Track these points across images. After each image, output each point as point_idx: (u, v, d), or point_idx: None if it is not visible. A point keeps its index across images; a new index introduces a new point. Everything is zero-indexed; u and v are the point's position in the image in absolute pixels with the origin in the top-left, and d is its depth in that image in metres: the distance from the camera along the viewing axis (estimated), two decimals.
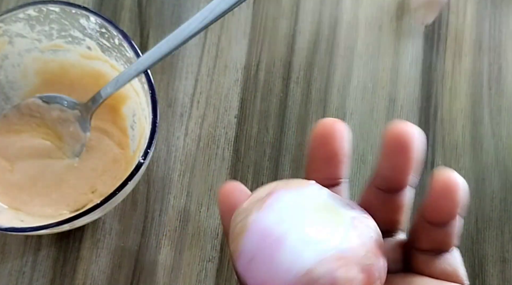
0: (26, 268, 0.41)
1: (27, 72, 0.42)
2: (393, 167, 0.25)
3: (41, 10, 0.38)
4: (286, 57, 0.47)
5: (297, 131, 0.45)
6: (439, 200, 0.24)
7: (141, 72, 0.36)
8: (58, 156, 0.41)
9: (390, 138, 0.24)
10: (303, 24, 0.48)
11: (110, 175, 0.41)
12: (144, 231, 0.42)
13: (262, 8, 0.48)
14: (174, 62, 0.46)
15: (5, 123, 0.41)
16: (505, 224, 0.44)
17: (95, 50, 0.41)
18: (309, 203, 0.23)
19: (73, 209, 0.40)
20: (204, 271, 0.41)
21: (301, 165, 0.44)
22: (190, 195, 0.43)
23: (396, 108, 0.46)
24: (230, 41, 0.47)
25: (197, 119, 0.45)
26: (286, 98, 0.46)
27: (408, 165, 0.24)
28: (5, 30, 0.39)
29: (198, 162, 0.44)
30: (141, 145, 0.39)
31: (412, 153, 0.24)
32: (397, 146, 0.24)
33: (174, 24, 0.47)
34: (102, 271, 0.41)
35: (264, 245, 0.22)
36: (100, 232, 0.42)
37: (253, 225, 0.23)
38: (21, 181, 0.40)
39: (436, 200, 0.24)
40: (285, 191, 0.24)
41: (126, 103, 0.42)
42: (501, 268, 0.43)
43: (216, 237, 0.42)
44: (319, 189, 0.24)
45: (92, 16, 0.38)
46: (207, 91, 0.46)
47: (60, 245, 0.41)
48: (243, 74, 0.47)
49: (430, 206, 0.24)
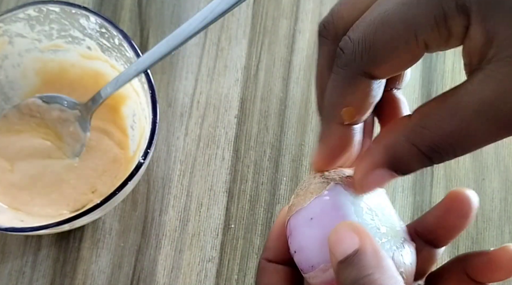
0: (26, 268, 0.41)
1: (27, 72, 0.42)
2: (444, 226, 0.27)
3: (41, 10, 0.38)
4: (286, 57, 0.47)
5: (297, 131, 0.45)
6: (495, 269, 0.26)
7: (141, 72, 0.36)
8: (58, 156, 0.41)
9: (453, 200, 0.26)
10: (303, 24, 0.48)
11: (110, 175, 0.41)
12: (144, 231, 0.42)
13: (262, 8, 0.48)
14: (174, 62, 0.46)
15: (5, 123, 0.41)
16: (505, 224, 0.44)
17: (95, 50, 0.41)
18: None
19: (73, 209, 0.40)
20: (204, 271, 0.41)
21: (300, 165, 0.44)
22: (190, 195, 0.43)
23: None
24: (230, 41, 0.47)
25: (197, 119, 0.45)
26: (286, 98, 0.46)
27: (460, 229, 0.26)
28: (5, 30, 0.39)
29: (198, 162, 0.44)
30: (141, 145, 0.39)
31: (468, 220, 0.26)
32: (458, 209, 0.26)
33: (174, 24, 0.47)
34: (102, 271, 0.41)
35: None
36: (100, 232, 0.42)
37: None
38: (21, 181, 0.40)
39: (492, 267, 0.26)
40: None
41: (126, 103, 0.42)
42: None
43: (216, 237, 0.42)
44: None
45: (92, 16, 0.38)
46: (207, 91, 0.46)
47: (60, 245, 0.41)
48: (243, 74, 0.47)
49: (485, 268, 0.26)
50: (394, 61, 0.22)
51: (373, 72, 0.22)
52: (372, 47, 0.22)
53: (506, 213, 0.44)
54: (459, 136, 0.21)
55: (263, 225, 0.43)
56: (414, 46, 0.21)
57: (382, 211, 0.25)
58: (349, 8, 0.23)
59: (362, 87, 0.23)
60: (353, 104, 0.23)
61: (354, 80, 0.23)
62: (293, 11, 0.48)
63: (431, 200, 0.44)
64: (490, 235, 0.44)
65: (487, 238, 0.44)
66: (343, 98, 0.23)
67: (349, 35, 0.22)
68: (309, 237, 0.24)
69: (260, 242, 0.42)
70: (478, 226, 0.44)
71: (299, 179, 0.44)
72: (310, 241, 0.24)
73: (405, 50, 0.22)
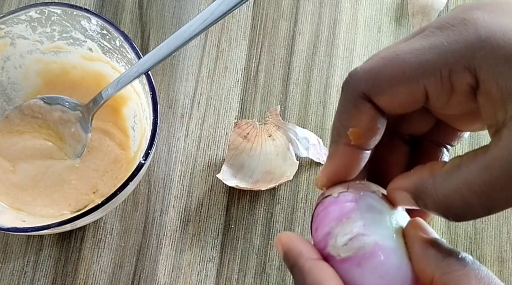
0: (28, 268, 0.41)
1: (28, 73, 0.42)
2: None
3: (42, 12, 0.38)
4: (286, 59, 0.48)
5: None
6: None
7: (142, 73, 0.36)
8: (60, 157, 0.41)
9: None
10: (303, 26, 0.48)
11: (111, 176, 0.41)
12: (145, 231, 0.42)
13: (262, 10, 0.49)
14: (174, 64, 0.47)
15: (7, 124, 0.41)
16: (503, 224, 0.44)
17: (96, 51, 0.41)
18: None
19: (74, 209, 0.40)
20: (204, 271, 0.42)
21: (300, 165, 0.44)
22: (191, 195, 0.43)
23: None
24: (230, 42, 0.48)
25: (197, 120, 0.45)
26: (285, 100, 0.46)
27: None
28: (7, 32, 0.39)
29: (199, 163, 0.44)
30: (142, 146, 0.39)
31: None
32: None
33: (175, 26, 0.48)
34: (103, 271, 0.41)
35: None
36: (102, 232, 0.42)
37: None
38: (23, 182, 0.40)
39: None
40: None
41: (127, 105, 0.42)
42: (499, 268, 0.43)
43: (216, 237, 0.42)
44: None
45: (94, 18, 0.38)
46: (208, 93, 0.46)
47: (62, 245, 0.42)
48: (243, 75, 0.47)
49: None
50: (394, 97, 0.23)
51: (375, 100, 0.24)
52: (376, 77, 0.23)
53: (504, 213, 0.44)
54: (482, 192, 0.21)
55: (263, 225, 0.43)
56: (414, 89, 0.23)
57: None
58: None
59: (366, 111, 0.24)
60: (358, 126, 0.24)
61: (359, 104, 0.24)
62: (292, 13, 0.49)
63: None
64: (488, 235, 0.44)
65: (485, 238, 0.44)
66: (349, 119, 0.25)
67: (360, 66, 0.24)
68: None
69: (260, 242, 0.42)
70: (476, 226, 0.44)
71: (299, 179, 0.44)
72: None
73: (406, 90, 0.23)
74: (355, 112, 0.24)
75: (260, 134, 0.42)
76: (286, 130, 0.43)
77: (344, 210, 0.25)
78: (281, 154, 0.42)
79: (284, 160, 0.42)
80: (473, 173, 0.21)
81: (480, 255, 0.43)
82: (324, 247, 0.25)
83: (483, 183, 0.21)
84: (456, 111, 0.24)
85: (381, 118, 0.24)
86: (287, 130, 0.43)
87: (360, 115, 0.24)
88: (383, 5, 0.50)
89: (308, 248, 0.25)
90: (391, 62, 0.23)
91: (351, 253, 0.24)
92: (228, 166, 0.42)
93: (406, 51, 0.23)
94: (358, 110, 0.24)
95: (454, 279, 0.22)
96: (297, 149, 0.43)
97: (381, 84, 0.23)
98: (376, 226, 0.24)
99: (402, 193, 0.24)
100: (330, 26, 0.49)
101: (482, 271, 0.22)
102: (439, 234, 0.43)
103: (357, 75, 0.24)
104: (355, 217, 0.24)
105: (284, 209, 0.43)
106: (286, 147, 0.42)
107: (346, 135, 0.25)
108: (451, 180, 0.22)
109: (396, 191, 0.25)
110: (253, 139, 0.42)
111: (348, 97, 0.24)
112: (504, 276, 0.43)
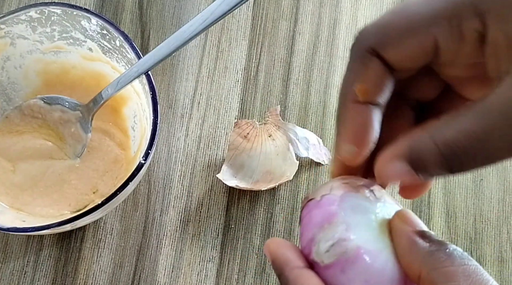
0: (28, 268, 0.41)
1: (28, 73, 0.42)
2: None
3: (42, 12, 0.38)
4: (286, 59, 0.48)
5: None
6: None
7: (142, 73, 0.36)
8: (60, 157, 0.41)
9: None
10: (303, 26, 0.48)
11: (111, 176, 0.41)
12: (145, 231, 0.42)
13: (262, 10, 0.49)
14: (174, 64, 0.47)
15: (7, 124, 0.41)
16: (503, 224, 0.44)
17: (96, 51, 0.41)
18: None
19: (74, 209, 0.40)
20: (204, 271, 0.42)
21: (300, 165, 0.44)
22: (191, 195, 0.43)
23: None
24: (230, 42, 0.48)
25: (197, 120, 0.45)
26: (285, 100, 0.46)
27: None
28: (7, 32, 0.39)
29: (199, 163, 0.44)
30: (142, 146, 0.39)
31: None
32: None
33: (175, 26, 0.48)
34: (103, 271, 0.41)
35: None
36: (102, 232, 0.42)
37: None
38: (23, 182, 0.40)
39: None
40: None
41: (127, 105, 0.42)
42: (499, 268, 0.43)
43: (216, 237, 0.43)
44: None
45: (94, 18, 0.38)
46: (208, 93, 0.46)
47: (62, 245, 0.42)
48: (243, 75, 0.47)
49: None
50: (404, 49, 0.23)
51: (383, 54, 0.23)
52: (385, 30, 0.23)
53: (504, 213, 0.44)
54: (481, 138, 0.21)
55: (263, 225, 0.43)
56: (424, 39, 0.22)
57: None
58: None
59: (373, 67, 0.24)
60: (366, 82, 0.24)
61: (367, 60, 0.24)
62: (292, 13, 0.49)
63: (430, 201, 0.44)
64: (488, 235, 0.44)
65: (485, 238, 0.44)
66: (356, 75, 0.24)
67: (369, 23, 0.24)
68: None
69: (260, 242, 0.42)
70: (476, 226, 0.44)
71: (299, 179, 0.44)
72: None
73: (415, 41, 0.22)
74: (362, 69, 0.24)
75: (260, 134, 0.43)
76: (286, 130, 0.43)
77: (326, 214, 0.24)
78: (281, 154, 0.42)
79: (284, 160, 0.42)
80: (471, 120, 0.21)
81: (480, 255, 0.43)
82: (308, 253, 0.24)
83: (481, 130, 0.20)
84: (463, 72, 0.24)
85: (389, 75, 0.24)
86: (287, 130, 0.43)
87: (368, 72, 0.24)
88: (383, 5, 0.50)
89: (295, 256, 0.24)
90: (400, 14, 0.23)
91: (334, 259, 0.23)
92: (228, 166, 0.42)
93: (415, 2, 0.23)
94: (366, 67, 0.24)
95: (442, 276, 0.22)
96: (297, 149, 0.43)
97: (390, 36, 0.23)
98: (360, 228, 0.24)
99: (396, 165, 0.23)
100: (330, 26, 0.49)
101: (470, 266, 0.22)
102: (439, 234, 0.43)
103: (365, 29, 0.24)
104: (337, 221, 0.24)
105: (284, 209, 0.44)
106: (286, 147, 0.43)
107: (353, 92, 0.24)
108: (448, 129, 0.21)
109: (387, 165, 0.23)
110: (253, 139, 0.42)
111: (355, 55, 0.24)
112: (504, 276, 0.43)
